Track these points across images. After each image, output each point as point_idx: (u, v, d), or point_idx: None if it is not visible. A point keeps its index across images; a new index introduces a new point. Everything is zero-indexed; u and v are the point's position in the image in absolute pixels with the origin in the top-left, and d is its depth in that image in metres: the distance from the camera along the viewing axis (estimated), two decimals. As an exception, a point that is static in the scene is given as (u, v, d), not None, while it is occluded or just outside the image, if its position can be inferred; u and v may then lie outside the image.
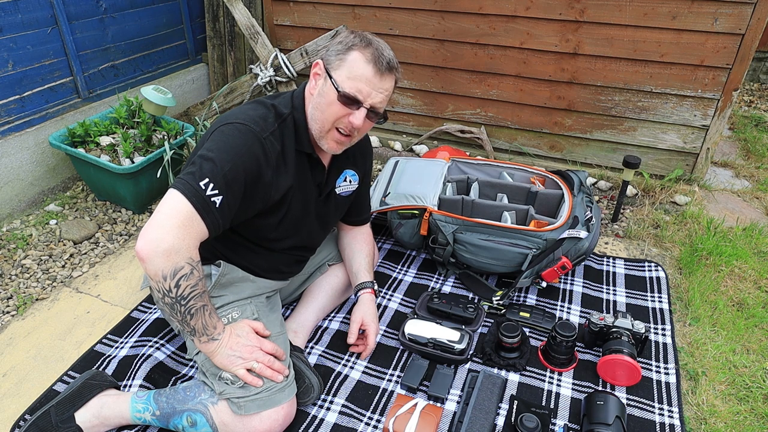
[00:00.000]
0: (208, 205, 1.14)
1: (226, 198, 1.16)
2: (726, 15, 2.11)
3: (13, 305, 1.85)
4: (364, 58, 1.22)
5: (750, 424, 1.44)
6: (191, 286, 1.14)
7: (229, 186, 1.16)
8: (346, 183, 1.54)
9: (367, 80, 1.23)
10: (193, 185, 1.13)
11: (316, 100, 1.28)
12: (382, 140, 2.97)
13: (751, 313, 1.81)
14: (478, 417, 1.37)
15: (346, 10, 2.70)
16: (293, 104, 1.33)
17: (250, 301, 1.43)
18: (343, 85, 1.23)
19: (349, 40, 1.24)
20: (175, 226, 1.10)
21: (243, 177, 1.19)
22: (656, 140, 2.48)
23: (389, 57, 1.25)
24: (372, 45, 1.24)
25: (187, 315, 1.17)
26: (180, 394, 1.32)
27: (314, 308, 1.68)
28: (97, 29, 2.61)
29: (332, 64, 1.25)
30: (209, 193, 1.14)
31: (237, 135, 1.21)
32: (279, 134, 1.28)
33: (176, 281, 1.11)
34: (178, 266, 1.10)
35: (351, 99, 1.23)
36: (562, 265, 1.73)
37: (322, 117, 1.28)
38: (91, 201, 2.48)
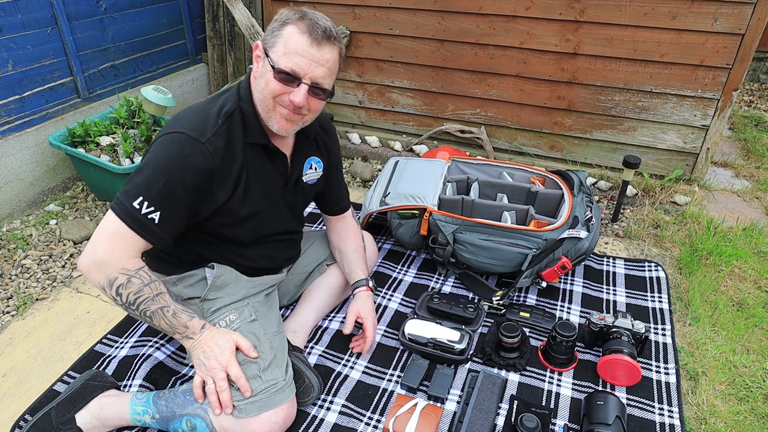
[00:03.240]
0: (145, 223, 1.16)
1: (166, 212, 1.17)
2: (726, 15, 2.11)
3: (13, 305, 1.85)
4: (298, 29, 1.17)
5: (750, 424, 1.44)
6: (134, 293, 1.15)
7: (167, 200, 1.16)
8: (312, 170, 1.50)
9: (303, 53, 1.16)
10: (126, 205, 1.15)
11: (257, 82, 1.24)
12: (382, 140, 2.97)
13: (751, 313, 1.81)
14: (478, 417, 1.37)
15: (346, 10, 2.70)
16: (240, 96, 1.29)
17: (247, 303, 1.43)
18: (279, 61, 1.17)
19: (284, 16, 1.20)
20: (104, 241, 1.15)
21: (182, 188, 1.17)
22: (656, 140, 2.48)
23: (325, 25, 1.18)
24: (306, 16, 1.18)
25: (145, 318, 1.18)
26: (179, 398, 1.31)
27: (313, 308, 1.68)
28: (97, 29, 2.61)
29: (269, 43, 1.20)
30: (144, 211, 1.15)
31: (172, 146, 1.18)
32: (224, 131, 1.24)
33: (115, 290, 1.14)
34: (111, 277, 1.14)
35: (288, 75, 1.17)
36: (562, 265, 1.73)
37: (262, 97, 1.23)
38: (91, 201, 2.48)
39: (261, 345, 1.34)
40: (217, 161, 1.21)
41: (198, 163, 1.18)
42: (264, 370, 1.29)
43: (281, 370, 1.32)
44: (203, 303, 1.40)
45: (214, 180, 1.23)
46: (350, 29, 2.75)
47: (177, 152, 1.17)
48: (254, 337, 1.35)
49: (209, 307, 1.40)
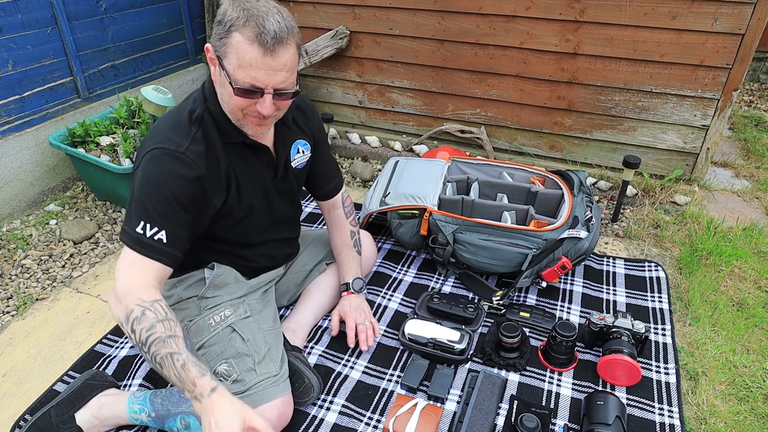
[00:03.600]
0: (153, 246, 1.13)
1: (171, 229, 1.15)
2: (726, 15, 2.11)
3: (13, 305, 1.85)
4: (246, 39, 1.06)
5: (750, 424, 1.44)
6: (146, 330, 1.06)
7: (167, 218, 1.15)
8: (300, 154, 1.47)
9: (258, 64, 1.08)
10: (131, 233, 1.14)
11: (219, 90, 1.19)
12: (382, 140, 2.97)
13: (751, 313, 1.81)
14: (478, 417, 1.37)
15: (346, 10, 2.70)
16: (205, 97, 1.24)
17: (243, 300, 1.43)
18: (235, 76, 1.10)
19: (228, 18, 1.08)
20: (121, 272, 1.13)
21: (176, 202, 1.16)
22: (656, 140, 2.48)
23: (275, 27, 1.07)
24: (251, 19, 1.06)
25: (155, 364, 1.06)
26: (175, 396, 1.32)
27: (313, 307, 1.69)
28: (97, 29, 2.61)
29: (220, 50, 1.11)
30: (149, 234, 1.13)
31: (154, 164, 1.16)
32: (200, 136, 1.21)
33: (131, 326, 1.07)
34: (128, 309, 1.08)
35: (249, 91, 1.11)
36: (562, 265, 1.73)
37: (229, 109, 1.19)
38: (91, 201, 2.48)
39: (255, 339, 1.35)
40: (202, 167, 1.19)
41: (183, 173, 1.17)
42: (258, 363, 1.30)
43: (276, 364, 1.32)
44: (201, 301, 1.40)
45: (204, 186, 1.21)
46: (350, 29, 2.75)
47: (160, 169, 1.15)
48: (248, 332, 1.36)
49: (206, 305, 1.40)
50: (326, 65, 2.91)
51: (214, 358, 1.31)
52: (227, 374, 1.27)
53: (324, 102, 3.07)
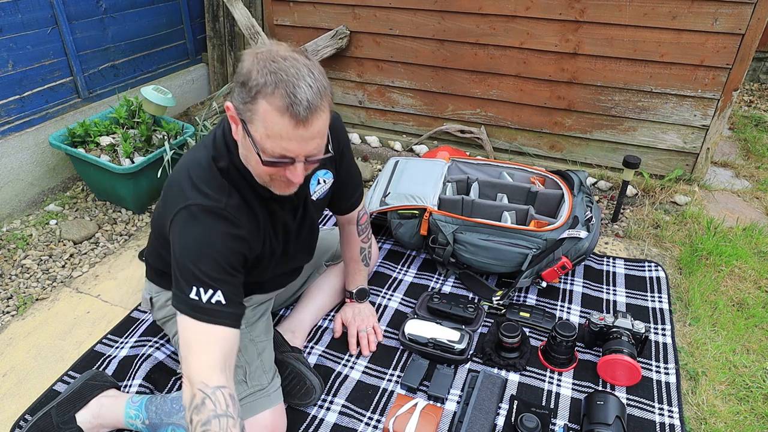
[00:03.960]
0: (212, 310, 1.05)
1: (226, 288, 1.07)
2: (726, 15, 2.11)
3: (13, 305, 1.85)
4: (276, 109, 0.95)
5: (750, 424, 1.44)
6: (200, 424, 0.96)
7: (221, 279, 1.07)
8: (321, 185, 1.37)
9: (289, 136, 0.98)
10: (188, 301, 1.05)
11: (245, 153, 1.09)
12: (382, 140, 2.97)
13: (751, 313, 1.81)
14: (478, 417, 1.37)
15: (346, 10, 2.70)
16: (228, 148, 1.14)
17: None
18: (263, 145, 1.00)
19: (254, 83, 0.96)
20: (184, 346, 1.04)
21: (227, 262, 1.09)
22: (656, 140, 2.48)
23: (308, 96, 0.96)
24: (280, 85, 0.95)
25: None
26: (167, 406, 1.31)
27: (312, 308, 1.69)
28: (97, 29, 2.61)
29: (244, 115, 1.00)
30: (205, 298, 1.05)
31: (195, 224, 1.08)
32: (233, 189, 1.14)
33: (190, 414, 0.98)
34: (192, 394, 0.99)
35: (278, 162, 1.03)
36: (562, 265, 1.73)
37: (255, 174, 1.11)
38: (91, 201, 2.48)
39: (247, 351, 1.34)
40: (245, 223, 1.14)
41: (228, 230, 1.10)
42: (249, 376, 1.29)
43: (267, 376, 1.32)
44: None
45: (248, 241, 1.15)
46: (350, 29, 2.75)
47: (204, 229, 1.08)
48: (241, 344, 1.33)
49: None
50: (326, 65, 2.91)
51: None
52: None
53: (324, 102, 3.06)
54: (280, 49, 0.99)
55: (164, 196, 1.18)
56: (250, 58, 0.99)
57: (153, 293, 1.46)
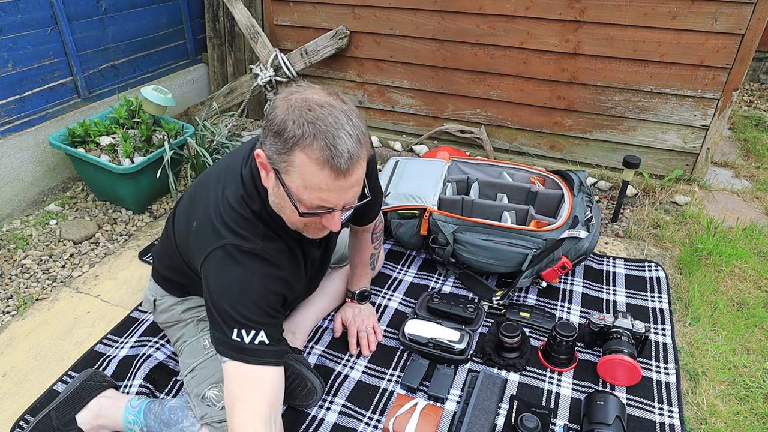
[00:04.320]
0: (257, 350, 1.02)
1: (269, 329, 1.04)
2: (726, 15, 2.11)
3: (13, 305, 1.85)
4: (315, 162, 0.91)
5: (750, 424, 1.44)
6: None
7: (262, 319, 1.04)
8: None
9: (328, 188, 0.94)
10: (229, 342, 1.01)
11: (277, 201, 1.05)
12: (382, 140, 2.97)
13: (751, 313, 1.81)
14: (478, 417, 1.37)
15: (346, 10, 2.70)
16: (257, 191, 1.10)
17: None
18: (300, 195, 0.97)
19: (290, 134, 0.91)
20: (229, 407, 1.02)
21: (267, 303, 1.06)
22: (656, 140, 2.48)
23: (348, 147, 0.92)
24: (319, 137, 0.90)
25: None
26: (165, 415, 1.31)
27: (313, 309, 1.68)
28: (97, 29, 2.61)
29: (279, 165, 0.96)
30: (248, 339, 1.01)
31: (237, 267, 1.05)
32: (272, 233, 1.11)
33: None
34: None
35: (318, 212, 1.00)
36: (562, 265, 1.73)
37: (290, 220, 1.07)
38: (91, 201, 2.48)
39: None
40: (285, 265, 1.12)
41: (268, 271, 1.07)
42: None
43: None
44: (199, 322, 1.41)
45: (289, 283, 1.14)
46: (350, 29, 2.75)
47: (243, 272, 1.04)
48: None
49: (203, 326, 1.39)
50: (326, 65, 2.91)
51: (203, 381, 1.29)
52: (216, 399, 1.25)
53: (324, 102, 3.06)
54: (315, 95, 0.94)
55: (195, 232, 1.13)
56: (283, 105, 0.94)
57: (157, 296, 1.46)
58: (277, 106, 0.95)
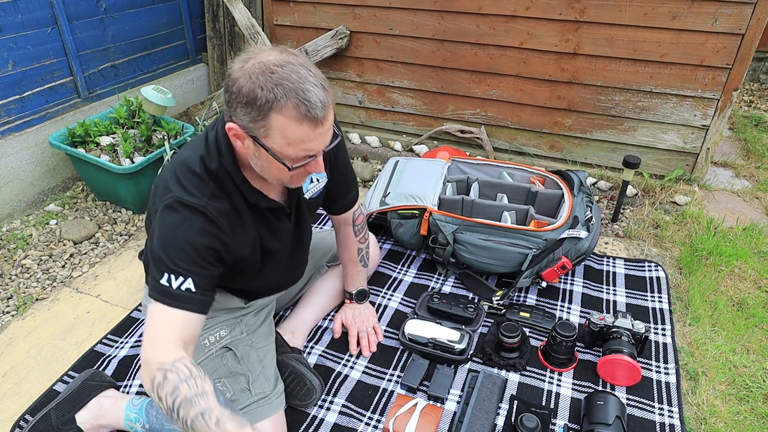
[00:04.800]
0: (182, 296, 1.05)
1: (197, 277, 1.07)
2: (726, 15, 2.11)
3: (13, 305, 1.85)
4: (292, 119, 0.96)
5: (750, 424, 1.44)
6: (170, 394, 0.96)
7: (191, 268, 1.07)
8: (314, 183, 1.37)
9: (309, 137, 1.00)
10: (157, 286, 1.05)
11: (261, 164, 1.08)
12: (382, 140, 2.97)
13: (751, 313, 1.81)
14: (478, 417, 1.37)
15: (346, 10, 2.70)
16: (219, 152, 1.13)
17: (239, 320, 1.42)
18: (285, 153, 1.01)
19: (261, 100, 0.95)
20: (146, 336, 1.04)
21: (198, 253, 1.08)
22: (656, 140, 2.48)
23: (319, 96, 0.97)
24: (291, 96, 0.95)
25: (189, 429, 0.96)
26: None
27: (313, 309, 1.69)
28: (97, 29, 2.61)
29: (257, 132, 1.00)
30: (176, 284, 1.05)
31: (173, 217, 1.08)
32: (221, 192, 1.13)
33: (156, 394, 0.98)
34: (152, 377, 0.98)
35: (304, 162, 1.05)
36: (562, 265, 1.73)
37: (278, 177, 1.10)
38: (91, 201, 2.48)
39: (249, 358, 1.34)
40: (224, 225, 1.13)
41: (203, 226, 1.10)
42: (252, 383, 1.29)
43: (270, 383, 1.32)
44: None
45: (225, 243, 1.14)
46: (350, 29, 2.75)
47: (179, 220, 1.08)
48: (243, 352, 1.35)
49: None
50: (326, 65, 2.91)
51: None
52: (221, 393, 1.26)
53: (324, 102, 3.06)
54: (270, 57, 0.97)
55: (151, 195, 1.19)
56: (243, 75, 0.96)
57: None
58: (237, 78, 0.97)
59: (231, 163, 1.13)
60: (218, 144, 1.13)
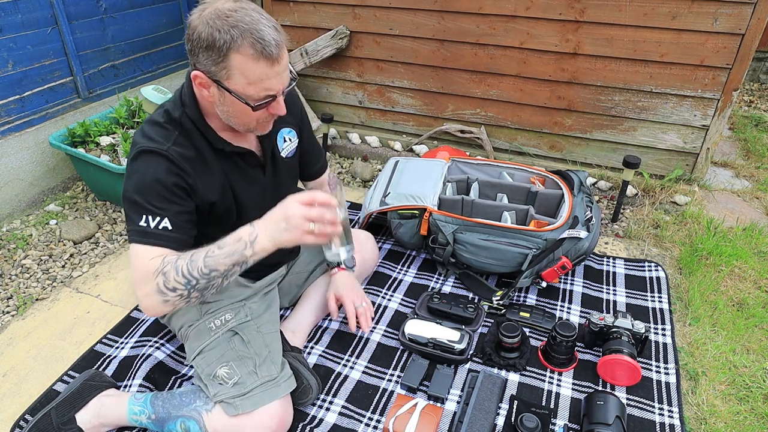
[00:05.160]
0: (161, 234, 1.11)
1: (172, 215, 1.13)
2: (726, 15, 2.11)
3: (13, 305, 1.85)
4: (249, 57, 1.05)
5: (750, 424, 1.44)
6: (174, 277, 1.05)
7: (165, 207, 1.12)
8: (288, 142, 1.44)
9: (268, 75, 1.08)
10: (137, 229, 1.11)
11: (226, 109, 1.15)
12: (382, 140, 2.97)
13: (751, 313, 1.81)
14: (478, 417, 1.37)
15: (346, 10, 2.70)
16: (182, 102, 1.21)
17: (243, 304, 1.43)
18: (247, 93, 1.09)
19: (219, 42, 1.03)
20: (136, 279, 1.10)
21: (169, 192, 1.14)
22: (656, 140, 2.48)
23: (272, 34, 1.06)
24: (246, 35, 1.03)
25: (210, 277, 1.06)
26: (176, 399, 1.32)
27: (313, 308, 1.68)
28: (97, 29, 2.61)
29: (218, 75, 1.08)
30: (153, 224, 1.11)
31: (139, 164, 1.14)
32: (185, 140, 1.20)
33: (166, 291, 1.07)
34: (156, 287, 1.06)
35: (266, 103, 1.12)
36: (562, 265, 1.73)
37: (244, 122, 1.17)
38: (91, 201, 2.48)
39: (255, 342, 1.35)
40: (186, 168, 1.17)
41: (167, 167, 1.15)
42: (259, 366, 1.30)
43: (276, 367, 1.33)
44: (201, 305, 1.40)
45: (190, 183, 1.19)
46: (350, 29, 2.75)
47: (145, 165, 1.14)
48: (248, 335, 1.36)
49: (207, 309, 1.40)
50: (326, 65, 2.91)
51: (213, 362, 1.31)
52: (228, 377, 1.27)
53: (324, 102, 3.07)
54: (224, 5, 1.06)
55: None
56: (201, 22, 1.05)
57: None
58: (196, 26, 1.06)
59: (194, 110, 1.19)
60: (183, 96, 1.21)
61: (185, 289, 1.07)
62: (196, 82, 1.12)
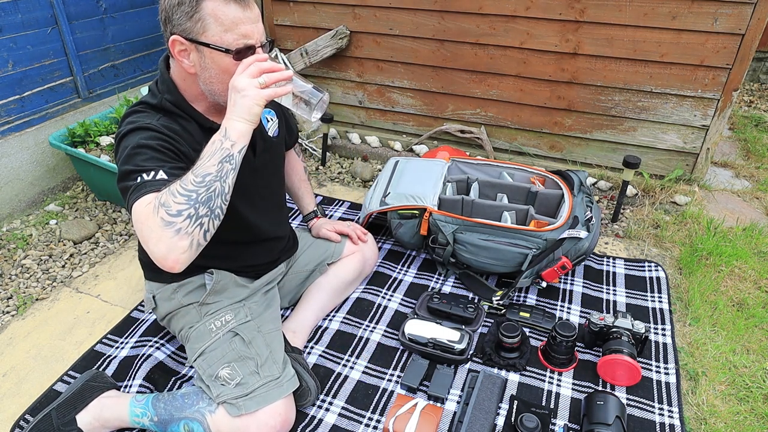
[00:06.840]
0: (155, 182, 1.08)
1: (167, 168, 1.11)
2: (726, 15, 2.11)
3: (13, 305, 1.85)
4: (222, 3, 1.10)
5: (750, 424, 1.44)
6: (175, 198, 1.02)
7: (158, 164, 1.11)
8: (271, 122, 1.47)
9: (242, 20, 1.11)
10: (136, 185, 1.07)
11: (205, 75, 1.17)
12: (382, 140, 2.97)
13: (751, 313, 1.81)
14: (478, 417, 1.37)
15: (346, 10, 2.70)
16: (159, 89, 1.24)
17: (243, 304, 1.43)
18: (226, 40, 1.11)
19: None
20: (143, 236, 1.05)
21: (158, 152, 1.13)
22: (656, 140, 2.48)
23: None
24: None
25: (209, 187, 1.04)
26: (178, 401, 1.31)
27: (313, 308, 1.69)
28: (97, 29, 2.61)
29: (193, 31, 1.11)
30: (149, 178, 1.08)
31: (129, 138, 1.15)
32: (168, 119, 1.22)
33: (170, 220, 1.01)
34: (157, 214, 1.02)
35: (245, 50, 1.12)
36: (562, 265, 1.73)
37: (224, 87, 1.14)
38: (91, 201, 2.48)
39: (256, 342, 1.35)
40: (172, 134, 1.18)
41: (154, 134, 1.16)
42: (261, 366, 1.30)
43: (278, 366, 1.33)
44: (201, 307, 1.40)
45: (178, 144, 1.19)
46: (350, 29, 2.75)
47: (134, 138, 1.14)
48: (249, 336, 1.36)
49: (206, 310, 1.40)
50: (326, 65, 2.91)
51: (215, 363, 1.31)
52: (230, 378, 1.27)
53: (324, 102, 3.06)
54: None
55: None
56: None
57: (155, 291, 1.46)
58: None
59: (175, 95, 1.22)
60: (158, 85, 1.25)
61: (189, 206, 1.02)
62: (175, 50, 1.15)
